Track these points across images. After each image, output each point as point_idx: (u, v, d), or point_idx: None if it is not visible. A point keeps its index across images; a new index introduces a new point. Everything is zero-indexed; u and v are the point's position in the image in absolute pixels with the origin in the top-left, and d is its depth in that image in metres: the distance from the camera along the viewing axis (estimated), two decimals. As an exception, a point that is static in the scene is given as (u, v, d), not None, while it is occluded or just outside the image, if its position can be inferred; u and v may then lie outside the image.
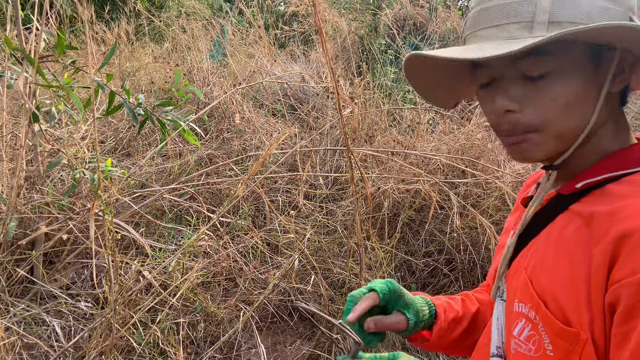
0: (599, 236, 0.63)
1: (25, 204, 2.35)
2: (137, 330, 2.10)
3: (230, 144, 3.48)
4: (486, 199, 3.11)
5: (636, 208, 0.62)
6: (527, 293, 0.72)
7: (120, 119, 3.72)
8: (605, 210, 0.64)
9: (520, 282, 0.74)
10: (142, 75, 4.50)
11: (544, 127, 0.68)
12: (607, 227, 0.62)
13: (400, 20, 5.68)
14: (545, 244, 0.72)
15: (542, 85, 0.67)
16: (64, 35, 2.21)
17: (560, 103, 0.67)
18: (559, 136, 0.69)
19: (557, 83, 0.67)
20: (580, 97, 0.67)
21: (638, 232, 0.59)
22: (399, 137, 3.51)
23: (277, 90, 4.47)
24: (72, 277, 2.45)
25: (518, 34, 0.65)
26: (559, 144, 0.70)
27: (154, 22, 5.56)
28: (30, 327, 2.13)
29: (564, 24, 0.63)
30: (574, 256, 0.65)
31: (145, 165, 3.02)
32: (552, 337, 0.67)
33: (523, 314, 0.72)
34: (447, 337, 0.97)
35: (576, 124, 0.68)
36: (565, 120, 0.68)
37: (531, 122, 0.68)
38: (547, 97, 0.67)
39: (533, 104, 0.68)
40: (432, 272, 3.10)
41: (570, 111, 0.67)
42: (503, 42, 0.65)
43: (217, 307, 2.39)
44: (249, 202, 2.99)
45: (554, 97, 0.67)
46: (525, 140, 0.70)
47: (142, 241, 2.34)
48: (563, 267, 0.67)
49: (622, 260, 0.59)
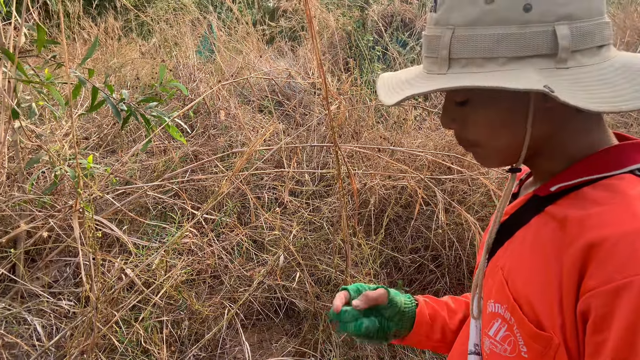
0: (569, 241, 0.63)
1: (6, 202, 2.31)
2: (120, 329, 2.08)
3: (216, 140, 3.46)
4: (472, 195, 3.12)
5: (607, 216, 0.61)
6: (503, 294, 0.72)
7: (105, 115, 3.68)
8: (578, 216, 0.64)
9: (496, 282, 0.74)
10: (128, 71, 4.45)
11: (481, 145, 0.73)
12: (577, 233, 0.62)
13: (388, 17, 5.67)
14: (521, 245, 0.72)
15: (467, 110, 0.71)
16: (44, 30, 2.17)
17: (485, 126, 0.70)
18: (498, 151, 0.72)
19: (477, 109, 0.70)
20: (505, 120, 0.69)
21: (608, 241, 0.58)
22: (386, 134, 3.51)
23: (264, 86, 4.44)
24: (54, 276, 2.42)
25: (432, 68, 0.68)
26: (501, 155, 0.73)
27: (140, 18, 5.51)
28: (11, 326, 2.10)
29: (462, 61, 0.65)
30: (547, 259, 0.65)
31: (129, 162, 2.98)
32: (527, 340, 0.67)
33: (499, 314, 0.72)
34: (439, 331, 0.97)
35: (509, 142, 0.70)
36: (496, 140, 0.71)
37: (469, 139, 0.73)
38: (472, 121, 0.71)
39: (467, 126, 0.72)
40: (419, 268, 3.10)
41: (499, 132, 0.70)
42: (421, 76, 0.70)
43: (202, 304, 2.37)
44: (235, 199, 2.97)
45: (477, 121, 0.70)
46: (474, 153, 0.75)
47: (125, 239, 2.31)
48: (537, 271, 0.67)
49: (593, 269, 0.59)
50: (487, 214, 3.06)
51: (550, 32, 0.62)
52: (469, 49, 0.64)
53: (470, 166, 3.20)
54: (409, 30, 5.61)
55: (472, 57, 0.64)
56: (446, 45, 0.65)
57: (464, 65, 0.65)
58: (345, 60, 4.89)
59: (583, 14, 0.63)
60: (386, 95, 0.72)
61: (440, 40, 0.66)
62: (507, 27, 0.62)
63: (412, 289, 3.05)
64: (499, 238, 0.78)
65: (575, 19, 0.62)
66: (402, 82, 0.73)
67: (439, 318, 0.98)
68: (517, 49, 0.62)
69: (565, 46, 0.62)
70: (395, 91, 0.72)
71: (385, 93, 0.73)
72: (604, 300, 0.57)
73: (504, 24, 0.62)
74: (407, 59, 4.95)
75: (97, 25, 5.38)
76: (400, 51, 5.17)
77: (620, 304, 0.56)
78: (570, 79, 0.62)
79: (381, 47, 5.12)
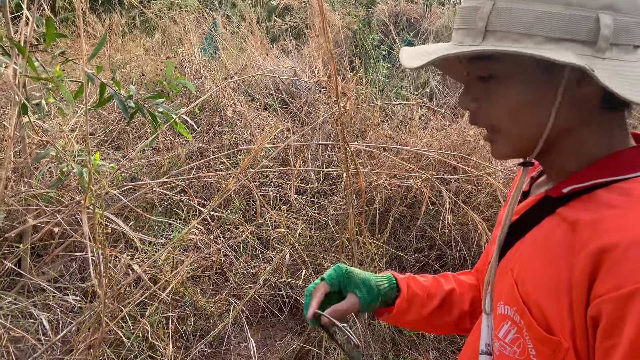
0: (580, 245, 0.62)
1: (13, 196, 2.32)
2: (126, 324, 2.08)
3: (222, 137, 3.46)
4: (477, 196, 3.11)
5: (619, 221, 0.60)
6: (512, 296, 0.71)
7: (110, 111, 3.68)
8: (590, 219, 0.63)
9: (506, 284, 0.73)
10: (133, 67, 4.45)
11: (498, 128, 0.70)
12: (588, 237, 0.61)
13: (393, 16, 5.67)
14: (531, 246, 0.71)
15: (491, 87, 0.69)
16: (53, 23, 2.17)
17: (506, 107, 0.68)
18: (517, 137, 0.70)
19: (502, 87, 0.67)
20: (529, 104, 0.67)
21: (619, 246, 0.57)
22: (391, 133, 3.51)
23: (268, 84, 4.44)
24: (60, 270, 2.42)
25: (464, 39, 0.68)
26: (517, 145, 0.71)
27: (145, 14, 5.51)
28: (17, 321, 2.10)
29: (498, 34, 0.64)
30: (557, 263, 0.65)
31: (135, 158, 2.99)
32: (535, 344, 0.67)
33: (509, 316, 0.72)
34: (416, 312, 0.96)
35: (529, 129, 0.68)
36: (515, 124, 0.68)
37: (486, 121, 0.71)
38: (493, 99, 0.69)
39: (485, 105, 0.70)
40: (423, 267, 3.10)
41: (521, 116, 0.68)
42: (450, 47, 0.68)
43: (207, 301, 2.38)
44: (240, 196, 2.97)
45: (500, 100, 0.68)
46: (492, 140, 0.73)
47: (132, 234, 2.31)
48: (547, 274, 0.66)
49: (604, 275, 0.58)
50: (492, 214, 3.06)
51: (593, 18, 0.60)
52: (508, 22, 0.63)
53: (475, 166, 3.20)
54: (414, 30, 5.60)
55: (510, 30, 0.63)
56: (484, 16, 0.64)
57: (499, 39, 0.63)
58: (350, 59, 4.89)
59: (628, 9, 0.61)
60: (410, 61, 0.71)
61: (478, 12, 0.65)
62: (550, 5, 0.61)
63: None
64: (509, 238, 0.77)
65: (619, 11, 0.61)
66: (429, 52, 0.71)
67: (416, 301, 0.96)
68: (557, 30, 0.61)
69: (606, 36, 0.60)
70: (420, 58, 0.70)
71: (409, 59, 0.72)
72: (615, 306, 0.56)
73: (548, 2, 0.61)
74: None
75: (101, 21, 5.39)
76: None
77: (631, 310, 0.55)
78: (609, 69, 0.60)
79: (387, 47, 5.12)
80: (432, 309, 0.96)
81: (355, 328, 2.44)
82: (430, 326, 1.01)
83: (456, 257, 3.00)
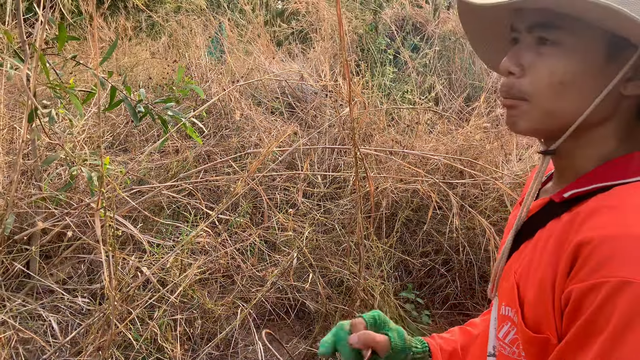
0: (567, 243, 0.63)
1: (23, 199, 2.33)
2: (135, 326, 2.09)
3: (229, 140, 3.47)
4: (484, 200, 3.12)
5: (601, 219, 0.61)
6: (512, 297, 0.72)
7: (118, 114, 3.70)
8: (579, 219, 0.64)
9: (508, 286, 0.74)
10: (140, 70, 4.47)
11: (534, 98, 0.67)
12: (573, 235, 0.62)
13: (400, 20, 5.68)
14: (533, 249, 0.71)
15: (546, 53, 0.66)
16: (64, 27, 2.19)
17: (555, 78, 0.65)
18: (547, 113, 0.67)
19: (559, 56, 0.65)
20: (578, 82, 0.65)
21: (593, 241, 0.59)
22: (398, 137, 3.51)
23: (275, 88, 4.45)
24: (69, 272, 2.43)
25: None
26: (546, 121, 0.68)
27: (151, 18, 5.54)
28: (26, 322, 2.11)
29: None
30: (548, 262, 0.66)
31: (143, 161, 3.00)
32: (524, 345, 0.69)
33: (509, 317, 0.73)
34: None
35: (567, 108, 0.66)
36: (555, 99, 0.66)
37: (524, 89, 0.68)
38: (546, 67, 0.66)
39: (532, 73, 0.67)
40: (429, 272, 3.10)
41: (563, 92, 0.65)
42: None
43: (215, 304, 2.38)
44: (247, 199, 2.98)
45: (552, 69, 0.65)
46: (515, 106, 0.69)
47: (140, 237, 2.32)
48: (539, 273, 0.67)
49: (577, 267, 0.60)
50: (499, 218, 3.06)
51: None
52: None
53: (482, 170, 3.20)
54: (420, 34, 5.61)
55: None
56: None
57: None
58: (356, 63, 4.90)
59: None
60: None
61: None
62: None
63: (422, 292, 3.05)
64: (517, 241, 0.77)
65: None
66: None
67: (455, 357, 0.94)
68: None
69: None
70: None
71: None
72: (576, 296, 0.59)
73: None
74: (419, 63, 4.96)
75: (108, 24, 5.41)
76: (412, 55, 5.17)
77: (587, 302, 0.58)
78: None
79: (393, 51, 5.13)
80: None
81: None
82: None
83: (463, 262, 3.00)
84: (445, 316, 2.97)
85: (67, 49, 4.42)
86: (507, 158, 3.31)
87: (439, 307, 3.00)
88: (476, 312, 2.97)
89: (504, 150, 3.35)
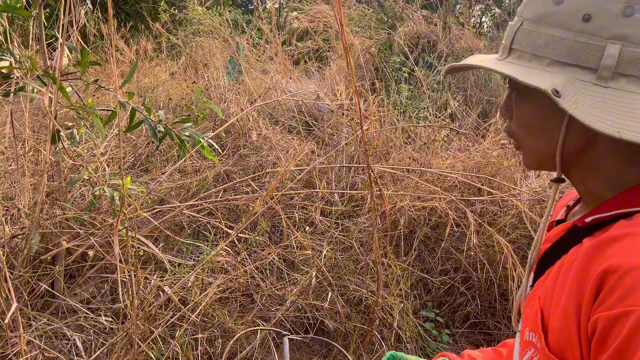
0: (592, 270, 0.63)
1: (48, 219, 2.39)
2: (157, 345, 2.11)
3: (248, 160, 3.51)
4: (503, 217, 3.10)
5: (628, 245, 0.61)
6: (536, 323, 0.72)
7: (139, 135, 3.78)
8: (603, 246, 0.64)
9: (532, 311, 0.75)
10: (160, 91, 4.57)
11: (519, 140, 0.75)
12: (598, 262, 0.63)
13: (414, 38, 5.72)
14: (556, 274, 0.72)
15: (515, 101, 0.74)
16: (87, 52, 2.26)
17: (521, 122, 0.73)
18: (531, 151, 0.74)
19: (518, 103, 0.73)
20: (540, 122, 0.70)
21: (619, 270, 0.59)
22: (415, 155, 3.52)
23: (292, 107, 4.51)
24: (92, 292, 2.47)
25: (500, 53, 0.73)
26: (537, 160, 0.75)
27: (171, 40, 5.66)
28: (51, 341, 2.15)
29: (516, 52, 0.69)
30: (571, 289, 0.66)
31: (164, 182, 3.05)
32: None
33: (532, 343, 0.73)
34: None
35: (543, 145, 0.72)
36: (532, 140, 0.73)
37: (512, 133, 0.76)
38: (515, 114, 0.74)
39: (514, 118, 0.75)
40: (449, 290, 3.08)
41: (532, 132, 0.72)
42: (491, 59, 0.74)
43: (235, 322, 2.40)
44: (266, 218, 3.01)
45: (518, 115, 0.73)
46: (517, 149, 0.77)
47: (162, 256, 2.36)
48: (563, 300, 0.67)
49: (603, 295, 0.60)
50: (518, 236, 3.04)
51: (600, 47, 0.62)
52: (525, 42, 0.68)
53: (500, 188, 3.19)
54: (435, 52, 5.65)
55: (524, 50, 0.68)
56: (511, 34, 0.70)
57: (517, 57, 0.69)
58: (371, 82, 4.94)
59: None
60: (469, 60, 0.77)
61: (511, 29, 0.71)
62: (563, 31, 0.65)
63: (442, 311, 3.03)
64: (541, 266, 0.78)
65: (631, 43, 0.62)
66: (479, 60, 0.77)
67: None
68: (563, 54, 0.64)
69: (608, 65, 0.62)
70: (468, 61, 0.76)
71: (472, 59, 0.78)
72: (604, 325, 0.59)
73: (562, 27, 0.65)
74: (433, 80, 4.98)
75: (129, 47, 5.55)
76: (426, 73, 5.20)
77: (614, 330, 0.58)
78: (602, 98, 0.62)
79: (408, 69, 5.17)
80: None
81: None
82: None
83: (482, 279, 2.98)
84: (466, 335, 2.94)
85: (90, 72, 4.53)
86: (525, 174, 3.29)
87: (459, 326, 2.97)
88: (497, 331, 2.93)
89: (522, 166, 3.34)
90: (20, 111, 3.57)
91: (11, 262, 2.27)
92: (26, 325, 2.15)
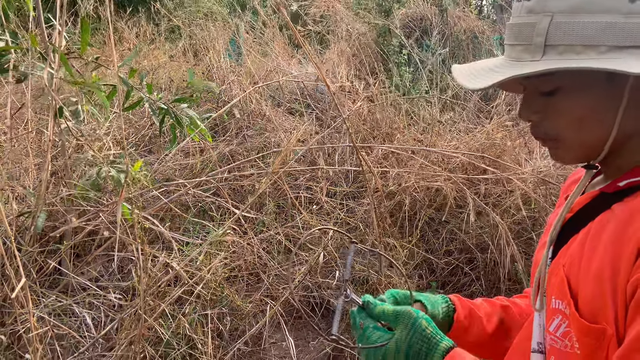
0: (629, 235, 0.64)
1: (55, 197, 2.38)
2: (166, 321, 2.12)
3: (251, 141, 3.51)
4: (507, 198, 3.11)
5: None
6: (562, 290, 0.72)
7: (141, 116, 3.75)
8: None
9: (557, 280, 0.75)
10: (161, 73, 4.53)
11: (561, 137, 0.72)
12: (638, 226, 0.63)
13: (414, 21, 5.69)
14: (583, 241, 0.72)
15: (554, 101, 0.70)
16: (88, 31, 2.23)
17: (571, 118, 0.70)
18: (579, 146, 0.72)
19: (567, 99, 0.69)
20: (594, 112, 0.69)
21: None
22: (419, 136, 3.52)
23: (293, 89, 4.49)
24: (99, 270, 2.47)
25: (521, 55, 0.69)
26: (582, 152, 0.73)
27: (171, 22, 5.60)
28: (60, 318, 2.15)
29: (559, 47, 0.66)
30: (605, 253, 0.66)
31: (169, 161, 3.04)
32: (579, 336, 0.69)
33: (560, 310, 0.73)
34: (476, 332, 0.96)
35: (595, 135, 0.70)
36: (580, 133, 0.70)
37: (549, 132, 0.73)
38: (558, 112, 0.70)
39: (548, 117, 0.72)
40: (453, 270, 3.10)
41: (584, 125, 0.70)
42: (507, 64, 0.71)
43: (242, 301, 2.41)
44: (273, 198, 3.01)
45: (564, 112, 0.70)
46: (552, 147, 0.75)
47: (168, 234, 2.36)
48: (594, 264, 0.67)
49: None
50: (522, 217, 3.05)
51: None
52: (570, 35, 0.65)
53: (504, 168, 3.20)
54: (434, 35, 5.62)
55: (572, 44, 0.65)
56: (543, 32, 0.66)
57: (561, 52, 0.66)
58: (372, 65, 4.92)
59: None
60: (471, 81, 0.73)
61: (535, 28, 0.67)
62: (612, 15, 0.63)
63: (446, 291, 3.04)
64: (562, 236, 0.78)
65: None
66: (485, 70, 0.73)
67: (476, 321, 0.97)
68: (621, 38, 0.63)
69: None
70: (479, 77, 0.72)
71: (468, 80, 0.74)
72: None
73: (609, 12, 0.63)
74: (433, 62, 4.96)
75: (129, 28, 5.49)
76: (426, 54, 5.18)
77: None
78: None
79: (407, 51, 5.15)
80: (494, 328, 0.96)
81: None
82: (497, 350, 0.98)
83: (487, 260, 2.99)
84: (470, 314, 2.96)
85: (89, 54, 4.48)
86: (531, 155, 3.30)
87: (463, 305, 3.00)
88: (501, 310, 2.96)
89: (527, 147, 3.34)
90: (22, 92, 3.54)
91: (18, 240, 2.27)
92: (36, 302, 2.15)
